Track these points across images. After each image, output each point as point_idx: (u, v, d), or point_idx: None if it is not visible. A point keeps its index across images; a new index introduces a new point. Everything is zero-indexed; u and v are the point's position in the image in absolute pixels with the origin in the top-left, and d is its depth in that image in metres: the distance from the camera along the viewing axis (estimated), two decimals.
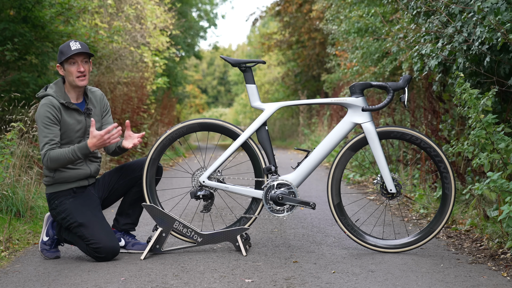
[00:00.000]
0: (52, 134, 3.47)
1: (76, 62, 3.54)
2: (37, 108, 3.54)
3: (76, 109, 3.57)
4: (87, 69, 3.58)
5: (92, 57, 3.66)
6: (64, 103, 3.52)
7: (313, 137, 13.63)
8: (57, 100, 3.51)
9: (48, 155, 3.43)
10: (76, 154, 3.42)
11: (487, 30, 3.63)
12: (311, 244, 3.85)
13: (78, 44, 3.54)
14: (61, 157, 3.42)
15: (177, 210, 4.85)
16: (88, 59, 3.60)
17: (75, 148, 3.43)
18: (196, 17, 22.77)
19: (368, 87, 3.65)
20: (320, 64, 16.75)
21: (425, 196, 5.21)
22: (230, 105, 41.36)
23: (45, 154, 3.44)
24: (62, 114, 3.51)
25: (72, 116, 3.56)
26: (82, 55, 3.55)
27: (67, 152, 3.42)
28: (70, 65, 3.54)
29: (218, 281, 3.01)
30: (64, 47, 3.55)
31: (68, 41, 3.56)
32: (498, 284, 2.92)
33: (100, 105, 3.71)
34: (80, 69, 3.53)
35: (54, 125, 3.48)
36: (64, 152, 3.42)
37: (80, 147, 3.43)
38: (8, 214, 4.40)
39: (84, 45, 3.58)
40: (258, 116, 4.15)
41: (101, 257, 3.45)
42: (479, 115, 3.63)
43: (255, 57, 31.06)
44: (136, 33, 10.98)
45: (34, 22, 6.81)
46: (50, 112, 3.47)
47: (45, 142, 3.45)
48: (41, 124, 3.48)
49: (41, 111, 3.48)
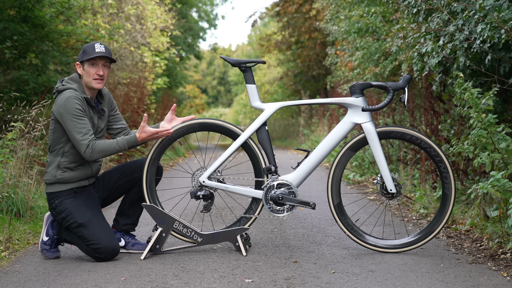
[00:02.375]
0: (88, 125, 3.47)
1: (97, 65, 3.54)
2: (59, 102, 3.46)
3: (94, 107, 3.59)
4: (106, 74, 3.58)
5: (114, 62, 3.67)
6: (87, 98, 3.53)
7: (313, 137, 13.63)
8: (80, 94, 3.51)
9: (93, 146, 3.43)
10: (125, 146, 3.50)
11: (489, 28, 3.62)
12: (311, 244, 3.85)
13: (103, 47, 3.54)
14: (108, 148, 3.46)
15: (177, 210, 4.85)
16: (109, 64, 3.60)
17: (124, 141, 3.49)
18: (197, 17, 22.77)
19: (368, 87, 3.65)
20: (320, 64, 16.75)
21: (425, 196, 5.21)
22: (230, 105, 41.37)
23: (88, 145, 3.42)
24: (86, 108, 3.52)
25: (90, 113, 3.57)
26: (104, 59, 3.55)
27: (115, 144, 3.47)
28: (90, 66, 3.53)
29: (218, 281, 3.01)
30: (88, 47, 3.54)
31: (94, 42, 3.56)
32: (498, 284, 2.92)
33: (108, 104, 3.73)
34: (99, 72, 3.53)
35: (85, 117, 3.47)
36: (111, 143, 3.47)
37: (129, 140, 3.50)
38: (8, 214, 4.40)
39: (108, 50, 3.57)
40: (258, 116, 4.15)
41: (101, 257, 3.45)
42: (480, 115, 3.62)
43: (255, 57, 31.07)
44: (136, 33, 10.98)
45: (34, 22, 6.81)
46: (79, 104, 3.45)
47: (84, 133, 3.42)
48: (72, 117, 3.42)
49: (69, 104, 3.43)
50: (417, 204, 5.19)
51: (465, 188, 4.79)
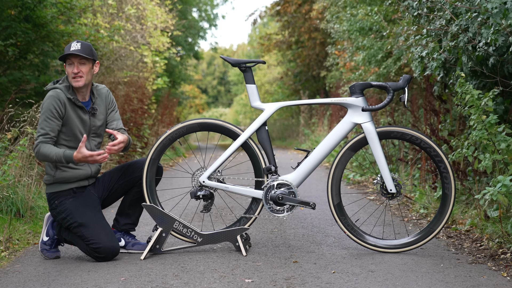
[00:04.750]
0: (49, 128, 3.48)
1: (73, 63, 3.54)
2: (45, 98, 3.55)
3: (81, 107, 3.58)
4: (84, 71, 3.54)
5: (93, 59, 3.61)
6: (71, 98, 3.53)
7: (313, 137, 13.63)
8: (64, 95, 3.52)
9: (39, 148, 3.46)
10: (62, 160, 3.44)
11: (493, 31, 3.61)
12: (311, 244, 3.85)
13: (79, 45, 3.52)
14: (49, 155, 3.44)
15: (177, 210, 4.85)
16: (87, 61, 3.57)
17: (62, 154, 3.43)
18: (197, 17, 22.77)
19: (368, 87, 3.65)
20: (320, 64, 16.75)
21: (425, 196, 5.21)
22: (230, 105, 41.36)
23: (36, 145, 3.48)
24: (67, 109, 3.52)
25: (77, 113, 3.56)
26: (79, 56, 3.54)
27: (55, 154, 3.43)
28: (68, 66, 3.56)
29: (218, 281, 3.01)
30: (66, 47, 3.56)
31: (72, 41, 3.57)
32: (498, 284, 2.92)
33: (105, 102, 3.71)
34: (74, 70, 3.53)
35: (54, 119, 3.49)
36: (53, 152, 3.44)
37: (67, 156, 3.43)
38: (8, 214, 4.40)
39: (85, 47, 3.53)
40: (258, 116, 4.15)
41: (101, 257, 3.45)
42: (481, 116, 3.62)
43: (255, 57, 31.07)
44: (136, 33, 10.98)
45: (36, 22, 6.82)
46: (54, 106, 3.49)
47: (40, 134, 3.48)
48: (43, 114, 3.50)
49: (46, 103, 3.51)
50: (417, 204, 5.19)
51: (465, 188, 4.79)
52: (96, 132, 3.65)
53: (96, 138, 3.67)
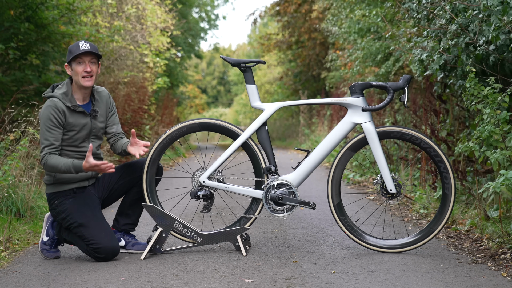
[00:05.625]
0: (53, 138, 3.48)
1: (84, 62, 3.54)
2: (42, 108, 3.55)
3: (82, 111, 3.57)
4: (94, 70, 3.57)
5: (100, 58, 3.65)
6: (70, 106, 3.52)
7: (313, 137, 13.63)
8: (62, 103, 3.51)
9: (46, 159, 3.45)
10: (71, 170, 3.44)
11: (493, 28, 3.61)
12: (311, 244, 3.86)
13: (88, 44, 3.54)
14: (57, 166, 3.44)
15: (177, 210, 4.85)
16: (96, 60, 3.59)
17: (71, 165, 3.43)
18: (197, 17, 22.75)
19: (368, 87, 3.65)
20: (320, 64, 16.75)
21: (425, 196, 5.21)
22: (230, 105, 41.36)
23: (43, 157, 3.46)
24: (66, 117, 3.51)
25: (77, 119, 3.55)
26: (90, 56, 3.55)
27: (64, 165, 3.43)
28: (77, 65, 3.54)
29: (218, 281, 3.01)
30: (73, 46, 3.55)
31: (78, 41, 3.56)
32: (498, 284, 2.92)
33: (106, 105, 3.71)
34: (86, 69, 3.53)
35: (56, 128, 3.48)
36: (61, 163, 3.43)
37: (76, 166, 3.43)
38: (8, 214, 4.40)
39: (94, 46, 3.57)
40: (258, 116, 4.15)
41: (101, 257, 3.45)
42: (495, 111, 3.62)
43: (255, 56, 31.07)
44: (136, 33, 10.98)
45: (38, 22, 6.82)
46: (53, 115, 3.47)
47: (45, 145, 3.47)
48: (43, 125, 3.49)
49: (45, 113, 3.49)
50: (417, 204, 5.19)
51: (465, 188, 4.79)
52: (96, 135, 3.66)
53: (96, 140, 3.67)
